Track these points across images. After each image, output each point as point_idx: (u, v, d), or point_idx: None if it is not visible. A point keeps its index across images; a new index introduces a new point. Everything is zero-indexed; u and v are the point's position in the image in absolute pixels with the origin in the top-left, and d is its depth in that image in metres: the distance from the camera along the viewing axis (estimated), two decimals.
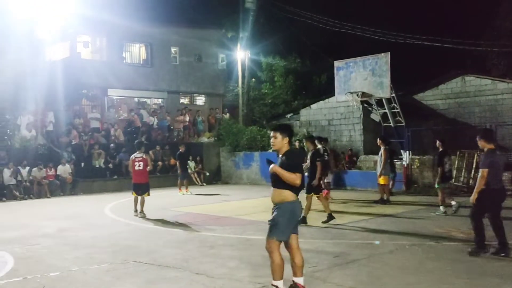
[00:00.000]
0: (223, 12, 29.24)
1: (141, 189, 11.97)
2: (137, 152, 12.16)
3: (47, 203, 15.85)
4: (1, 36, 19.40)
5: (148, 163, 12.21)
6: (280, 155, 5.35)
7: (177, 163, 18.14)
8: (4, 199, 16.45)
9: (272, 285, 5.25)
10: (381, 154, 13.50)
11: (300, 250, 5.37)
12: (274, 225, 5.19)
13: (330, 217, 10.27)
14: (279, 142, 5.33)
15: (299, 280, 5.33)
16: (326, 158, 14.10)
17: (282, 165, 5.21)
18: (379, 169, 13.56)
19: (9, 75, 19.10)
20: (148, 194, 12.10)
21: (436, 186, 11.60)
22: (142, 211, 11.89)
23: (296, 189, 5.23)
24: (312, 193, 10.33)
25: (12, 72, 19.27)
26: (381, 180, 13.49)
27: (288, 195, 5.20)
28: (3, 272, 6.73)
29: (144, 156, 12.16)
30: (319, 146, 13.99)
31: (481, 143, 7.43)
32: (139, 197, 11.96)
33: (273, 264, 5.17)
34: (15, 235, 9.66)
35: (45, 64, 21.26)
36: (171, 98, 26.33)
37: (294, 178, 5.09)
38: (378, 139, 14.03)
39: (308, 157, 10.64)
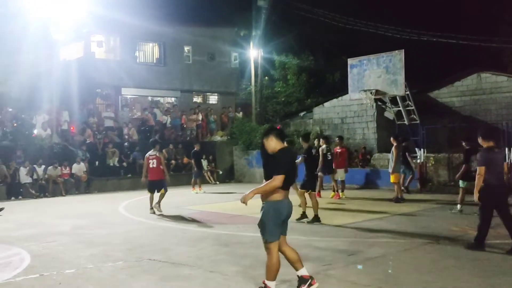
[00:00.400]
0: (235, 11, 29.24)
1: (156, 186, 12.13)
2: (152, 150, 12.38)
3: (62, 202, 16.02)
4: (16, 37, 19.62)
5: (162, 162, 12.31)
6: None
7: (192, 162, 18.21)
8: (20, 197, 16.69)
9: (263, 282, 5.23)
10: (392, 152, 13.40)
11: (289, 246, 5.36)
12: (261, 227, 5.22)
13: (314, 218, 10.06)
14: (269, 144, 5.37)
15: (302, 272, 5.33)
16: (329, 158, 14.08)
17: (272, 162, 5.23)
18: (391, 167, 13.46)
19: (24, 75, 19.31)
20: (164, 191, 12.19)
21: (460, 185, 11.33)
22: (157, 205, 11.98)
23: (284, 186, 5.17)
24: (308, 190, 10.29)
25: (28, 72, 19.48)
26: (392, 178, 13.36)
27: (273, 194, 5.18)
28: (20, 269, 6.81)
29: (158, 154, 12.32)
30: (324, 145, 14.00)
31: (480, 140, 7.43)
32: (158, 194, 12.09)
33: (269, 263, 5.16)
34: (32, 233, 9.78)
35: (59, 64, 21.46)
36: (184, 97, 26.44)
37: (273, 185, 5.08)
38: (391, 137, 13.92)
39: (301, 155, 10.66)
